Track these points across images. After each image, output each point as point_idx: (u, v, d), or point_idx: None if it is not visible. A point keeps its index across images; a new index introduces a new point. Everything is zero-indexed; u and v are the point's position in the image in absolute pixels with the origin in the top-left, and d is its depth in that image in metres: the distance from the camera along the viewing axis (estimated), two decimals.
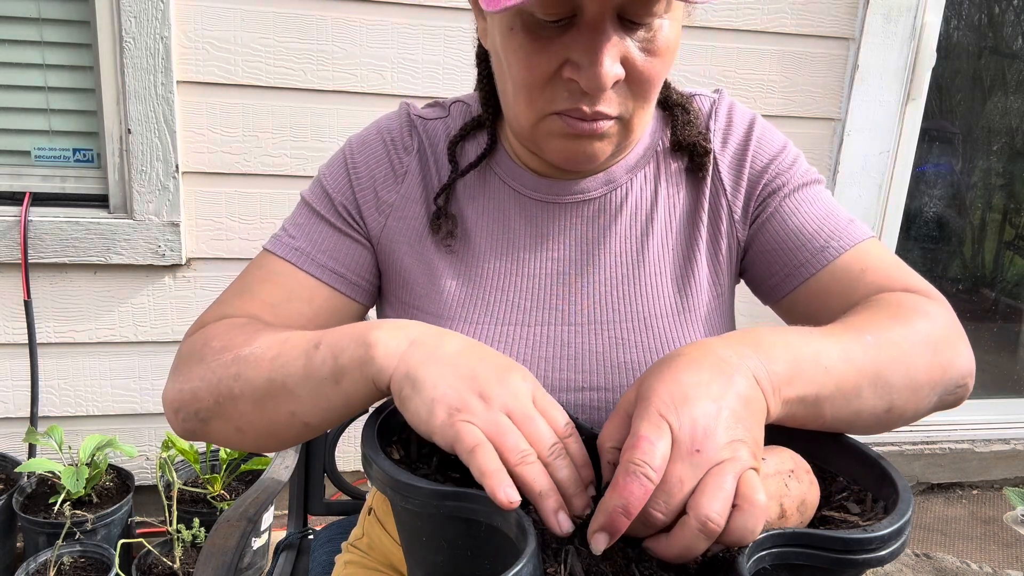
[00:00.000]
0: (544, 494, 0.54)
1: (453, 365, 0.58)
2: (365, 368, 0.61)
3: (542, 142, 0.74)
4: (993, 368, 2.86)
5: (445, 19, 1.91)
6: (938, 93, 2.50)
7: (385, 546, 0.95)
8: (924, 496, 2.61)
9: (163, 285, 1.93)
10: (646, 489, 0.50)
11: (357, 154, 0.83)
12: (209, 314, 0.79)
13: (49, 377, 1.93)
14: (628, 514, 0.50)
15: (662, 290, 0.80)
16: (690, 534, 0.50)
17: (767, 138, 0.85)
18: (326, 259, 0.81)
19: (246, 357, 0.68)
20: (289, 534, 1.28)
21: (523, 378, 0.59)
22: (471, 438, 0.54)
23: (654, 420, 0.53)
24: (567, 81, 0.68)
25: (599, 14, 0.64)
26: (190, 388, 0.70)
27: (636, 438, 0.52)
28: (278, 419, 0.67)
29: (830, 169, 2.24)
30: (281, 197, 1.95)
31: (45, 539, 1.75)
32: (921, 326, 0.69)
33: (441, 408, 0.56)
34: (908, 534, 0.55)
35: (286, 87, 1.88)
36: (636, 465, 0.51)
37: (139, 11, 1.74)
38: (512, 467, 0.54)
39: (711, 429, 0.52)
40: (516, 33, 0.67)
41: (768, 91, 2.14)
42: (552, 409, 0.59)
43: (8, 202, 1.83)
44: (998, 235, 2.80)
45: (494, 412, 0.56)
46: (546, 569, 0.52)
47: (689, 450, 0.51)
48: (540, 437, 0.56)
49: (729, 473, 0.51)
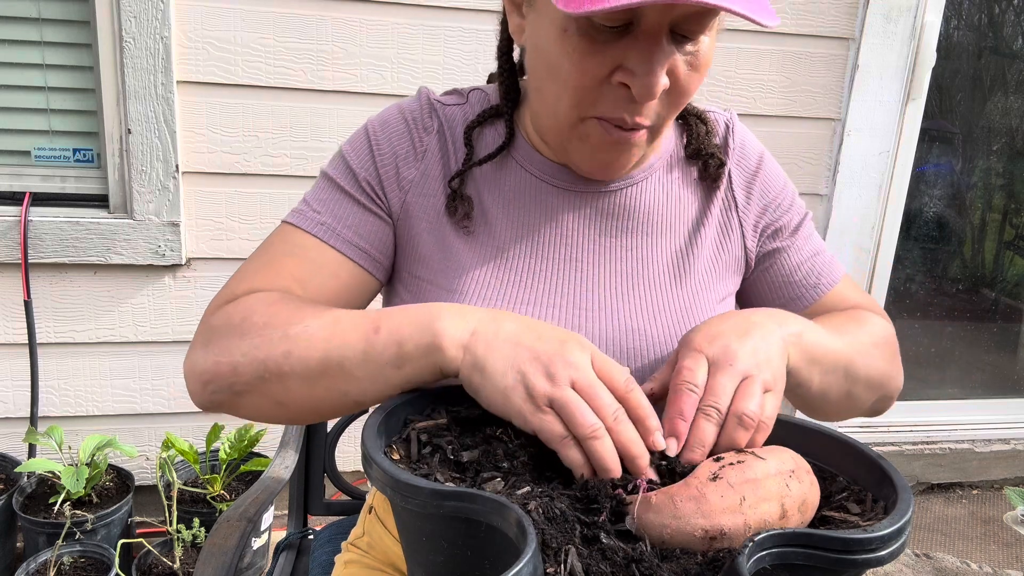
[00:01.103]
0: (608, 469, 0.61)
1: (514, 346, 0.64)
2: (431, 356, 0.65)
3: (575, 145, 0.76)
4: (993, 368, 2.86)
5: (445, 19, 1.91)
6: (938, 93, 2.50)
7: (386, 545, 0.95)
8: (924, 496, 2.61)
9: (163, 285, 1.93)
10: (693, 399, 0.64)
11: (379, 131, 0.84)
12: (238, 286, 0.78)
13: (49, 377, 1.93)
14: (685, 418, 0.63)
15: (671, 286, 0.84)
16: (732, 430, 0.63)
17: (775, 173, 0.92)
18: (351, 235, 0.81)
19: (297, 336, 0.69)
20: (289, 534, 1.28)
21: (581, 348, 0.64)
22: (556, 432, 0.61)
23: (692, 354, 0.67)
24: (616, 87, 0.70)
25: (657, 25, 0.66)
26: (229, 362, 0.70)
27: (680, 368, 0.66)
28: (328, 397, 0.69)
29: (830, 169, 2.24)
30: (281, 197, 1.95)
31: (45, 539, 1.75)
32: (881, 337, 0.86)
33: (516, 393, 0.62)
34: (908, 534, 0.55)
35: (286, 87, 1.88)
36: (683, 383, 0.65)
37: (139, 11, 1.74)
38: (583, 441, 0.60)
39: (739, 350, 0.66)
40: (571, 35, 0.68)
41: (768, 91, 2.14)
42: (611, 370, 0.63)
43: (8, 202, 1.83)
44: (998, 235, 2.80)
45: (561, 388, 0.61)
46: (546, 569, 0.52)
47: (724, 364, 0.65)
48: (603, 405, 0.61)
49: (757, 383, 0.65)
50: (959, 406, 2.71)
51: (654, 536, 0.57)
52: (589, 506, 0.61)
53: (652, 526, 0.57)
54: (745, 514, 0.56)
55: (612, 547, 0.54)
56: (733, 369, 0.65)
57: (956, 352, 2.81)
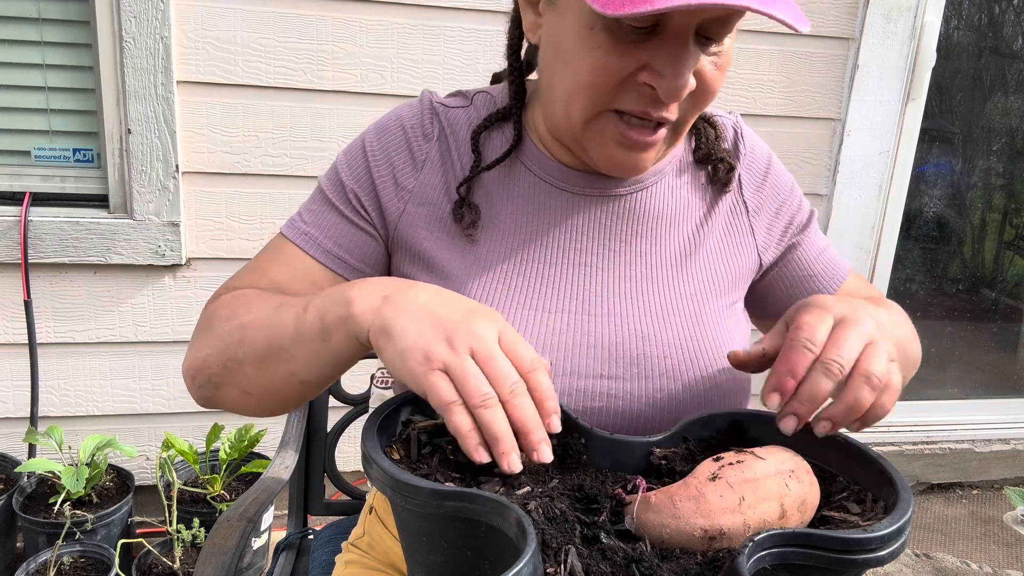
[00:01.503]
0: (497, 439, 0.58)
1: (421, 313, 0.62)
2: (347, 325, 0.65)
3: (591, 142, 0.76)
4: (993, 368, 2.86)
5: (445, 19, 1.91)
6: (938, 93, 2.50)
7: (386, 545, 0.95)
8: (924, 496, 2.61)
9: (163, 285, 1.93)
10: (807, 357, 0.62)
11: (375, 142, 0.84)
12: (222, 288, 0.85)
13: (49, 377, 1.93)
14: (795, 376, 0.61)
15: (678, 291, 0.83)
16: (857, 388, 0.61)
17: (783, 174, 0.92)
18: (331, 245, 0.83)
19: (249, 323, 0.73)
20: (289, 534, 1.28)
21: (488, 320, 0.62)
22: (444, 394, 0.58)
23: (816, 312, 0.65)
24: (641, 86, 0.70)
25: (685, 27, 0.67)
26: (202, 355, 0.76)
27: (800, 322, 0.64)
28: (278, 379, 0.72)
29: (830, 169, 2.25)
30: (281, 197, 1.95)
31: (45, 539, 1.75)
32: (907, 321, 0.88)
33: (412, 356, 0.60)
34: (908, 534, 0.55)
35: (286, 87, 1.88)
36: (800, 341, 0.62)
37: (139, 11, 1.74)
38: (473, 409, 0.58)
39: (867, 315, 0.65)
40: (596, 33, 0.68)
41: (768, 91, 2.14)
42: (518, 347, 0.62)
43: (8, 202, 1.83)
44: (998, 235, 2.80)
45: (459, 356, 0.59)
46: (546, 569, 0.52)
47: (853, 321, 0.63)
48: (500, 376, 0.59)
49: (883, 346, 0.63)
50: (959, 406, 2.71)
51: (654, 536, 0.57)
52: (589, 506, 0.61)
53: (652, 526, 0.57)
54: (744, 514, 0.56)
55: (612, 547, 0.54)
56: (861, 328, 0.63)
57: (956, 352, 2.81)
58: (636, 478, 0.62)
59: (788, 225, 0.91)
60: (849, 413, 0.61)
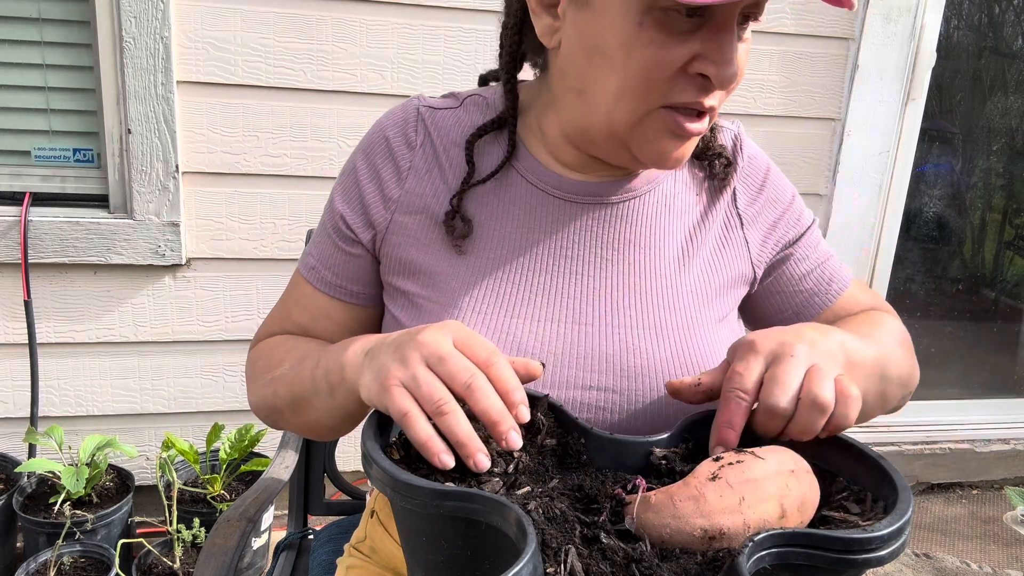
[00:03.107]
0: (461, 443, 0.58)
1: (386, 349, 0.64)
2: (345, 384, 0.71)
3: (638, 140, 0.74)
4: (993, 368, 2.86)
5: (445, 19, 1.91)
6: (938, 93, 2.50)
7: (388, 550, 0.94)
8: (924, 496, 2.61)
9: (163, 285, 1.93)
10: (742, 407, 0.64)
11: (361, 158, 0.85)
12: (261, 331, 0.93)
13: (49, 377, 1.93)
14: (734, 428, 0.64)
15: (673, 303, 0.82)
16: (807, 413, 0.63)
17: (782, 186, 0.91)
18: (331, 275, 0.87)
19: (279, 378, 0.82)
20: (289, 534, 1.28)
21: (439, 328, 0.63)
22: (399, 404, 0.59)
23: (743, 356, 0.66)
24: (691, 76, 0.69)
25: (732, 11, 0.67)
26: (254, 401, 0.87)
27: (731, 372, 0.66)
28: (311, 422, 0.80)
29: (830, 169, 2.25)
30: (281, 197, 1.95)
31: (45, 539, 1.75)
32: (900, 336, 0.87)
33: (374, 383, 0.62)
34: (908, 534, 0.55)
35: (286, 87, 1.88)
36: (733, 392, 0.65)
37: (139, 11, 1.74)
38: (432, 417, 0.59)
39: (796, 343, 0.65)
40: (646, 28, 0.67)
41: (768, 91, 2.14)
42: (473, 343, 0.62)
43: (8, 202, 1.83)
44: (998, 235, 2.80)
45: (411, 367, 0.60)
46: (546, 569, 0.52)
47: (784, 356, 0.64)
48: (454, 372, 0.60)
49: (826, 369, 0.64)
50: (959, 406, 2.71)
51: (654, 536, 0.57)
52: (589, 506, 0.61)
53: (652, 526, 0.57)
54: (744, 514, 0.56)
55: (612, 547, 0.54)
56: (795, 360, 0.64)
57: (956, 352, 2.81)
58: (636, 478, 0.62)
59: (783, 238, 0.90)
60: (804, 436, 0.64)
